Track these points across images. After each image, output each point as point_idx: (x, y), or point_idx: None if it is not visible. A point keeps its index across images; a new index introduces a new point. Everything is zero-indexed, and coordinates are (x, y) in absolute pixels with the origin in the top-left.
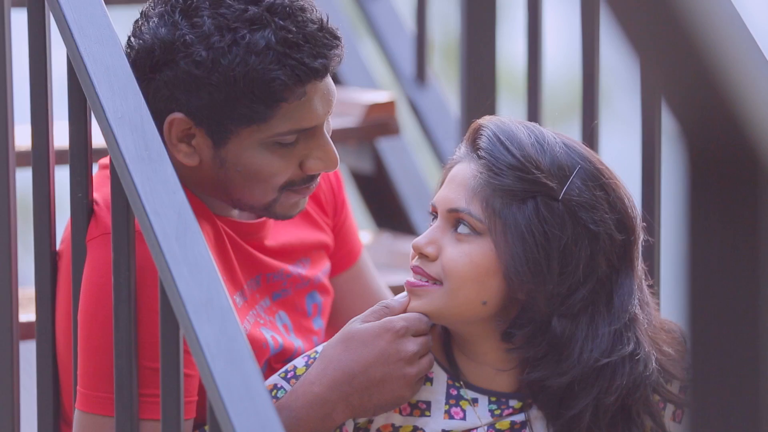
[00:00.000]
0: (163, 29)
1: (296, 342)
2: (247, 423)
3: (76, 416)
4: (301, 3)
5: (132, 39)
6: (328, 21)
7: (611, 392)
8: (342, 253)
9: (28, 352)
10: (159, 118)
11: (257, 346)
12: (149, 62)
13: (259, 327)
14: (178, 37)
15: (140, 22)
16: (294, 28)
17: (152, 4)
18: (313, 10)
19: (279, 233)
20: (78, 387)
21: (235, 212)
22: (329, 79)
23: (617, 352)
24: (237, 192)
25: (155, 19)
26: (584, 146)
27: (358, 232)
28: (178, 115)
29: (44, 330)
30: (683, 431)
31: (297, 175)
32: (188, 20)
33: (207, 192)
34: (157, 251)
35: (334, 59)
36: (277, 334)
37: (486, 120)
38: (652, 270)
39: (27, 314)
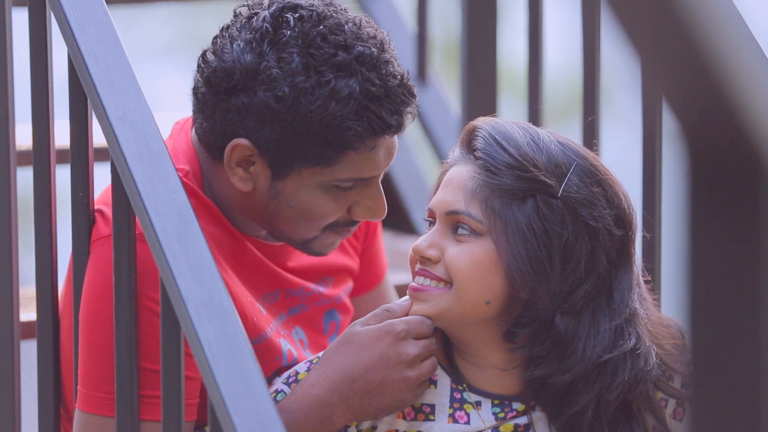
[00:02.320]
0: (248, 56)
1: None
2: (248, 422)
3: (77, 416)
4: (387, 56)
5: (209, 54)
6: (408, 77)
7: (613, 388)
8: (367, 276)
9: (29, 351)
10: (221, 138)
11: (271, 356)
12: (226, 84)
13: (279, 337)
14: (263, 68)
15: (221, 42)
16: (378, 81)
17: (238, 26)
18: (395, 63)
19: (303, 255)
20: (79, 387)
21: (263, 233)
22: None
23: (619, 348)
24: (281, 224)
25: (241, 44)
26: (578, 144)
27: (384, 254)
28: (243, 141)
29: (45, 329)
30: (684, 429)
31: (343, 218)
32: (276, 53)
33: (248, 215)
34: (157, 250)
35: (408, 116)
36: (293, 348)
37: (480, 121)
38: (653, 269)
39: (28, 313)
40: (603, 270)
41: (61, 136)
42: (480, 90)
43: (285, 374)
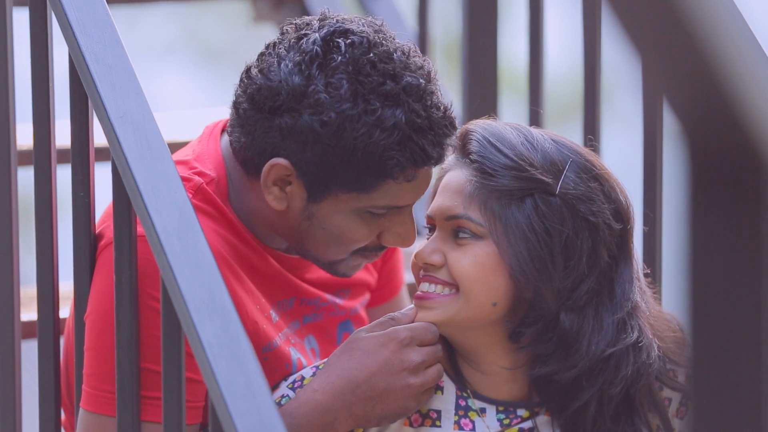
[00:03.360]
0: (296, 78)
1: None
2: (249, 422)
3: (81, 415)
4: (432, 87)
5: (254, 70)
6: (450, 108)
7: (616, 383)
8: (385, 289)
9: (29, 350)
10: (259, 156)
11: (281, 364)
12: (270, 103)
13: (289, 346)
14: (311, 91)
15: (269, 60)
16: (423, 113)
17: (286, 46)
18: (439, 94)
19: (321, 269)
20: (84, 386)
21: (284, 246)
22: None
23: (622, 341)
24: (311, 244)
25: (289, 65)
26: (572, 141)
27: (402, 267)
28: (282, 161)
29: (46, 329)
30: (686, 427)
31: (373, 243)
32: (325, 78)
33: (276, 231)
34: (158, 250)
35: (448, 149)
36: (303, 357)
37: (472, 124)
38: (654, 269)
39: (29, 313)
40: (604, 264)
41: (62, 135)
42: (481, 92)
43: (290, 378)
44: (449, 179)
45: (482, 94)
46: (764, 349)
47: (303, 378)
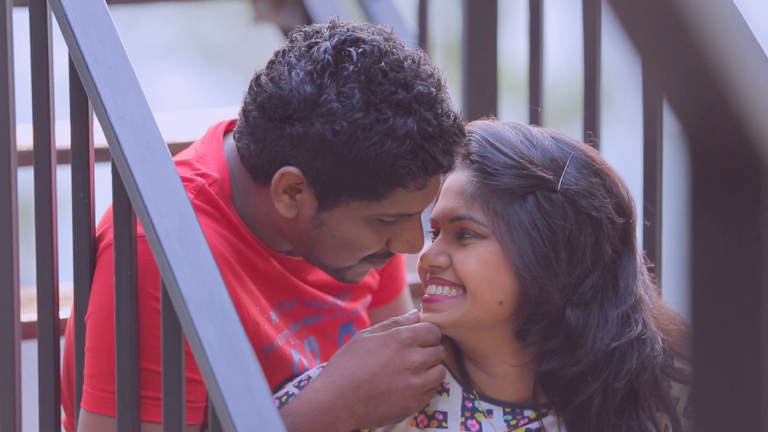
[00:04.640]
0: (308, 87)
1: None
2: (249, 422)
3: (82, 415)
4: (443, 95)
5: (264, 78)
6: (460, 116)
7: (621, 376)
8: (386, 290)
9: (29, 351)
10: (269, 163)
11: (282, 364)
12: (281, 112)
13: (289, 347)
14: (323, 101)
15: (279, 68)
16: (434, 121)
17: (296, 54)
18: (449, 102)
19: (323, 271)
20: (84, 386)
21: (287, 248)
22: None
23: (626, 335)
24: (319, 251)
25: (300, 73)
26: (571, 137)
27: (404, 268)
28: (293, 170)
29: (46, 329)
30: (691, 427)
31: (381, 250)
32: (336, 87)
33: (284, 237)
34: (158, 250)
35: (458, 157)
36: (304, 358)
37: (471, 125)
38: (655, 268)
39: (29, 314)
40: (608, 259)
41: (62, 136)
42: (481, 92)
43: (297, 378)
44: (451, 181)
45: (482, 94)
46: (764, 347)
47: (310, 378)
